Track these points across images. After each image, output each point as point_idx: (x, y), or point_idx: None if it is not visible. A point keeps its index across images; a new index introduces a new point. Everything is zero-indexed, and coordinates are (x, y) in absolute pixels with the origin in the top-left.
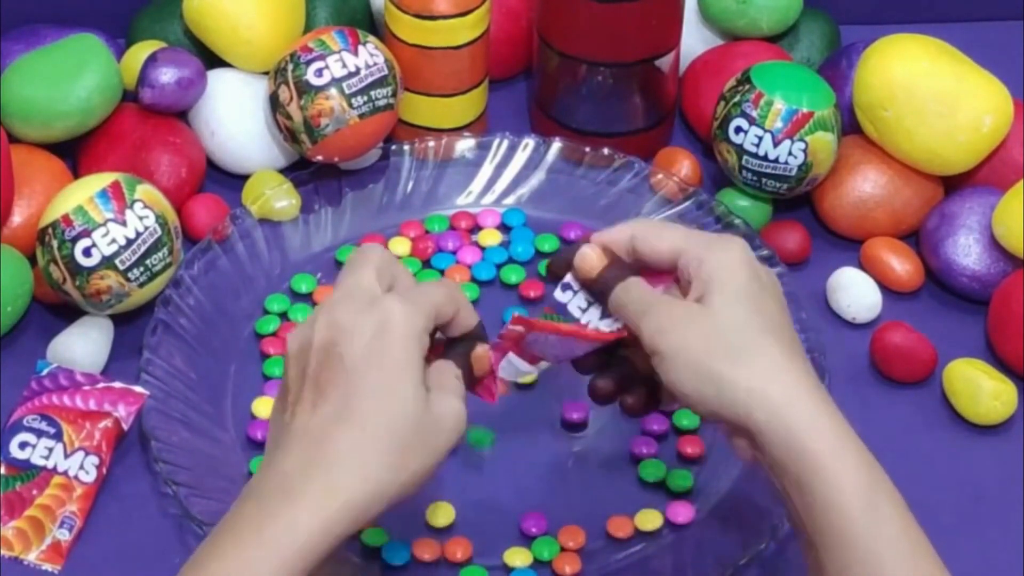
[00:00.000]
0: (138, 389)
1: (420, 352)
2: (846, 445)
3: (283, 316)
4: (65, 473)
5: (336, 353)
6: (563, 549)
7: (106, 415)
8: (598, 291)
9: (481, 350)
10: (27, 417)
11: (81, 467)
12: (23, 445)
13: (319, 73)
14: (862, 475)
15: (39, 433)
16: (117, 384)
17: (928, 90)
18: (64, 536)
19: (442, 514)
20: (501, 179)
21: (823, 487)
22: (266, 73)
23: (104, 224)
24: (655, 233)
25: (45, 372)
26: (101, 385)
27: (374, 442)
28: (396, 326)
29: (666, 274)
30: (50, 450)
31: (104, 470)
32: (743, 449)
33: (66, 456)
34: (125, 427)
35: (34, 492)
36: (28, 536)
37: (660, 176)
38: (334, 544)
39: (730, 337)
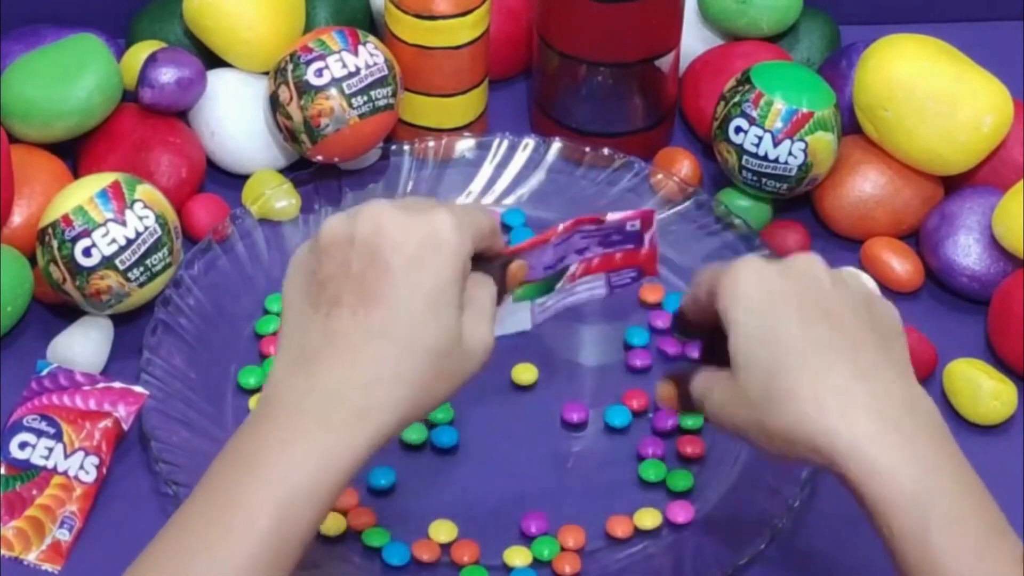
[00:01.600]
0: (138, 389)
1: (463, 274)
2: (892, 465)
3: None
4: (65, 473)
5: (382, 259)
6: (563, 549)
7: (106, 415)
8: (690, 409)
9: (517, 265)
10: (27, 417)
11: (81, 467)
12: (23, 445)
13: (319, 73)
14: (913, 493)
15: (39, 433)
16: (117, 384)
17: (928, 90)
18: (64, 536)
19: (444, 530)
20: (501, 179)
21: (878, 516)
22: (266, 73)
23: (104, 224)
24: (692, 295)
25: (45, 372)
26: (101, 385)
27: (412, 365)
28: (447, 242)
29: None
30: (50, 450)
31: (104, 470)
32: None
33: (66, 456)
34: (125, 427)
35: (34, 492)
36: (28, 536)
37: (660, 176)
38: (359, 465)
39: (748, 390)
